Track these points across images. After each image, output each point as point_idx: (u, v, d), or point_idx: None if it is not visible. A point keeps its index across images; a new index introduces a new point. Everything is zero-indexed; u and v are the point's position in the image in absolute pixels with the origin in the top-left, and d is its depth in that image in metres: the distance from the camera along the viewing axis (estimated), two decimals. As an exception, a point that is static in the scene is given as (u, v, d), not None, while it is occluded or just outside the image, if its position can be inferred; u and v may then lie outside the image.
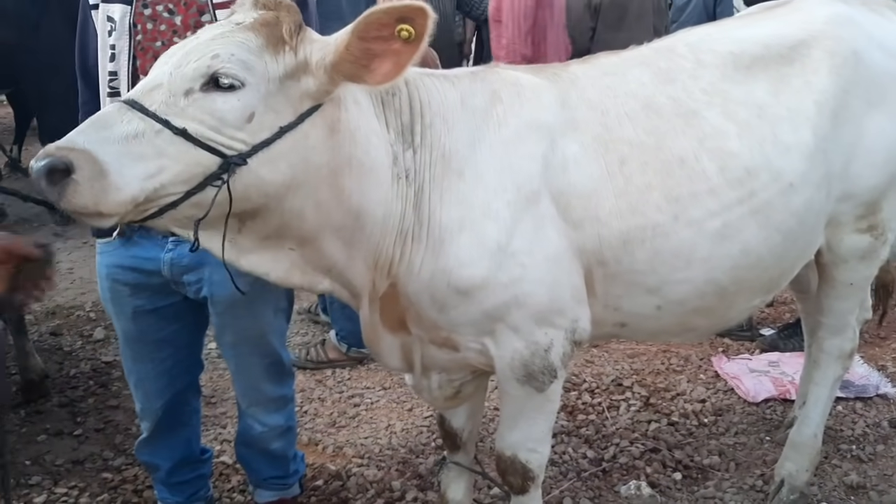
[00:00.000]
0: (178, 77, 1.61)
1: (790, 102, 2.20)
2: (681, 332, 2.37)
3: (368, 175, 1.83)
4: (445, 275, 1.92)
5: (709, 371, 3.95)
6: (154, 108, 1.58)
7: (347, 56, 1.66)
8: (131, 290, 2.29)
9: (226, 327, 2.38)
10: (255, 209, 1.73)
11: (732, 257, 2.13)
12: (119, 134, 1.55)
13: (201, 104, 1.60)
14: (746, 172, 2.11)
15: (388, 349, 2.15)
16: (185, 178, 1.60)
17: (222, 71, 1.60)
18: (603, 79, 2.14)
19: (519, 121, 1.99)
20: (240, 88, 1.62)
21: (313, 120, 1.70)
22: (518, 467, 2.25)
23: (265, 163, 1.66)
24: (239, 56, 1.62)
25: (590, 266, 2.06)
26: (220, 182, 1.62)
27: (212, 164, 1.61)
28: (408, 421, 3.52)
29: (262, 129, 1.65)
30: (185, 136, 1.58)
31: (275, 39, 1.66)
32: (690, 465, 3.14)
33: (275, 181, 1.69)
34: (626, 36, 4.74)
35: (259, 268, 1.85)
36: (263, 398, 2.55)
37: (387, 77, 1.68)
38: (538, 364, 2.07)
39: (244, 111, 1.62)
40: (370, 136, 1.84)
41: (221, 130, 1.61)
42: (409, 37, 1.62)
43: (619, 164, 2.03)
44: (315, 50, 1.68)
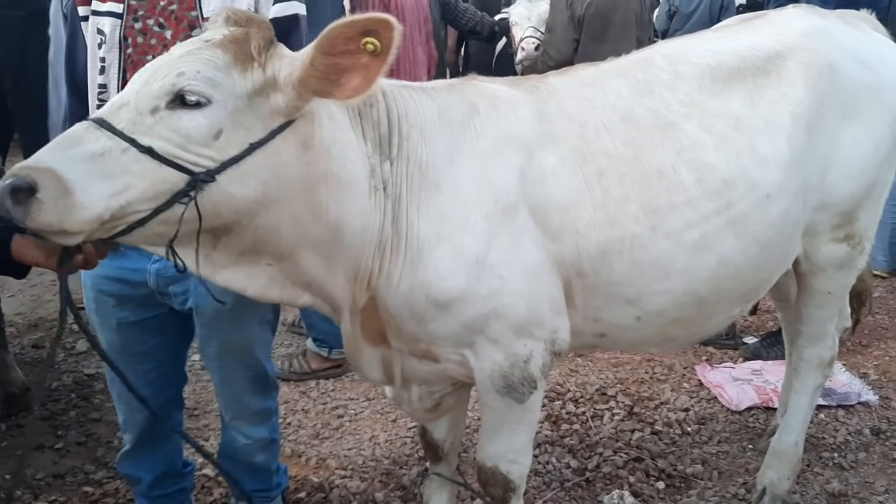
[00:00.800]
0: (145, 95, 1.60)
1: (766, 114, 2.21)
2: (660, 343, 2.37)
3: (346, 189, 1.83)
4: (424, 287, 1.92)
5: (692, 380, 3.96)
6: (121, 127, 1.57)
7: (313, 72, 1.64)
8: (116, 301, 2.28)
9: (211, 339, 2.36)
10: (228, 225, 1.72)
11: (710, 268, 2.14)
12: (85, 152, 1.54)
13: (167, 122, 1.59)
14: (724, 184, 2.13)
15: (368, 362, 2.15)
16: (152, 195, 1.59)
17: (188, 88, 1.59)
18: (581, 90, 2.15)
19: (496, 133, 2.00)
20: (206, 105, 1.61)
21: (285, 136, 1.69)
22: (499, 479, 2.24)
23: (234, 179, 1.64)
24: (205, 73, 1.61)
25: (569, 278, 2.06)
26: (187, 199, 1.60)
27: (179, 182, 1.60)
28: (391, 432, 3.52)
29: (230, 145, 1.63)
30: (151, 153, 1.57)
31: (243, 56, 1.65)
32: (673, 474, 3.15)
33: (245, 197, 1.68)
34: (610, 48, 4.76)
35: (235, 283, 1.83)
36: (247, 411, 2.54)
37: (356, 91, 1.67)
38: (518, 375, 2.07)
39: (211, 128, 1.61)
40: (346, 151, 1.83)
41: (188, 148, 1.60)
42: (376, 50, 1.61)
43: (597, 175, 2.04)
44: (283, 66, 1.67)
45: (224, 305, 2.14)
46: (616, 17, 4.98)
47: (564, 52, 5.02)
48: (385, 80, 1.96)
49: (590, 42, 4.85)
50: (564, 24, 5.01)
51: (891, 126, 2.37)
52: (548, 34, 5.17)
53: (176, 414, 2.61)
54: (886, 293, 5.17)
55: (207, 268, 1.77)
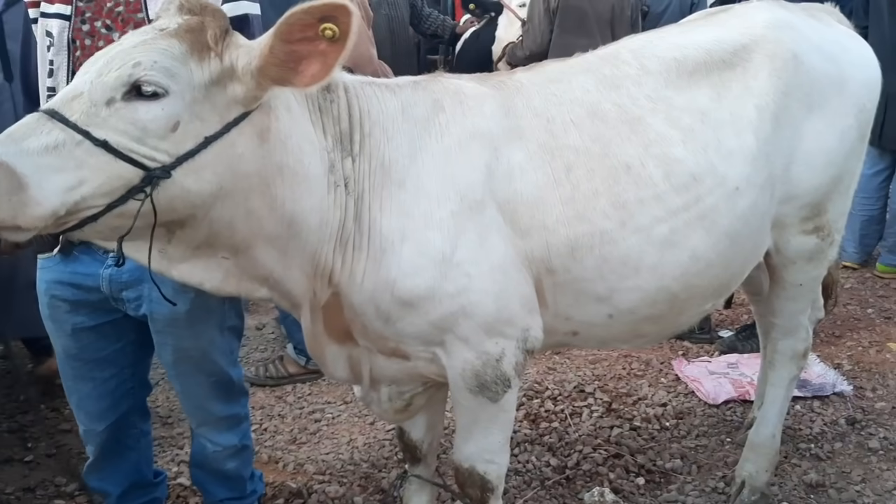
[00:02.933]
0: (100, 86, 1.55)
1: (732, 107, 2.22)
2: (631, 339, 2.37)
3: (301, 183, 1.80)
4: (389, 285, 1.90)
5: (669, 374, 3.97)
6: (75, 119, 1.53)
7: (272, 59, 1.62)
8: (70, 306, 2.23)
9: (166, 345, 2.30)
10: (182, 220, 1.69)
11: (682, 263, 2.14)
12: (38, 145, 1.49)
13: (123, 114, 1.55)
14: (692, 178, 2.13)
15: (333, 359, 2.12)
16: (107, 190, 1.55)
17: (144, 79, 1.55)
18: (548, 86, 2.14)
19: (461, 130, 1.98)
20: (163, 97, 1.57)
21: (241, 128, 1.67)
22: (476, 479, 2.23)
23: (189, 173, 1.61)
24: (162, 63, 1.57)
25: (539, 275, 2.05)
26: (142, 195, 1.57)
27: (134, 177, 1.56)
28: (369, 435, 3.49)
29: (186, 138, 1.60)
30: (105, 147, 1.53)
31: (199, 45, 1.62)
32: (653, 470, 3.15)
33: (201, 191, 1.65)
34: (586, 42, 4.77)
35: (191, 278, 1.81)
36: (212, 417, 2.49)
37: (315, 78, 1.64)
38: (490, 374, 2.05)
39: (168, 120, 1.58)
40: (302, 144, 1.80)
41: (144, 141, 1.56)
42: (334, 36, 1.59)
43: (565, 171, 2.03)
44: (241, 55, 1.64)
45: (178, 310, 2.11)
46: (590, 10, 4.98)
47: (540, 42, 5.03)
48: (348, 76, 1.95)
49: (562, 34, 4.85)
50: (541, 16, 5.02)
51: (857, 118, 2.38)
52: (527, 24, 5.18)
53: (141, 423, 2.55)
54: (858, 284, 5.23)
55: (163, 263, 1.75)
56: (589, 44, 2.37)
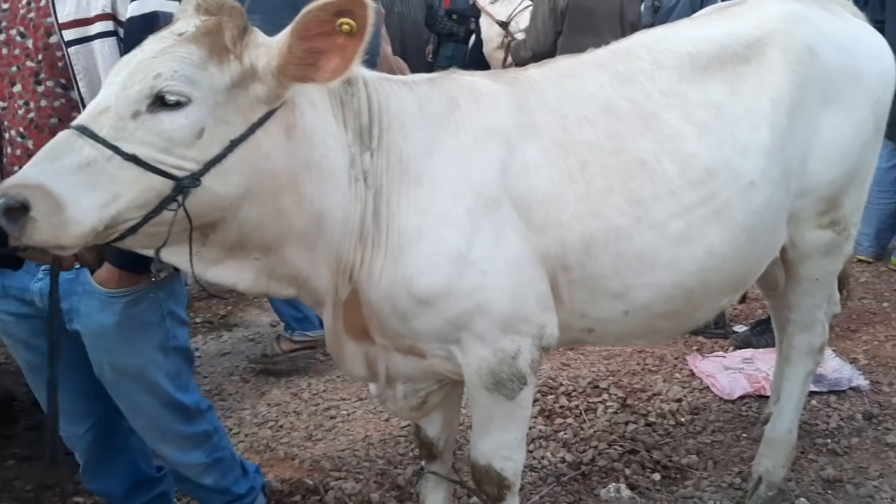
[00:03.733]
0: (124, 99, 1.58)
1: (747, 101, 2.21)
2: (647, 335, 2.37)
3: (327, 178, 1.82)
4: (405, 283, 1.91)
5: (684, 370, 3.97)
6: (103, 134, 1.55)
7: (291, 58, 1.63)
8: (16, 319, 2.17)
9: (101, 362, 2.17)
10: (214, 222, 1.72)
11: (697, 259, 2.13)
12: (71, 164, 1.52)
13: (149, 126, 1.58)
14: (707, 173, 2.12)
15: (351, 357, 2.13)
16: (140, 203, 1.58)
17: (166, 89, 1.57)
18: (561, 82, 2.14)
19: (476, 127, 1.98)
20: (186, 105, 1.59)
21: (266, 128, 1.68)
22: (493, 476, 2.23)
23: (218, 178, 1.63)
24: (182, 72, 1.59)
25: (554, 272, 2.05)
26: (175, 205, 1.60)
27: (165, 188, 1.59)
28: (385, 431, 3.50)
29: (212, 143, 1.62)
30: (135, 161, 1.56)
31: (218, 49, 1.63)
32: (669, 465, 3.14)
33: (229, 194, 1.67)
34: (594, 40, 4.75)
35: (226, 279, 1.84)
36: (171, 436, 2.34)
37: (336, 73, 1.66)
38: (506, 371, 2.05)
39: (193, 128, 1.60)
40: (327, 139, 1.82)
41: (171, 151, 1.59)
42: (351, 30, 1.60)
43: (579, 167, 2.03)
44: (261, 55, 1.65)
45: (106, 324, 2.05)
46: (600, 7, 4.96)
47: (543, 43, 5.02)
48: (367, 72, 1.96)
49: (572, 34, 4.84)
50: (545, 16, 5.01)
51: (872, 110, 2.37)
52: (530, 24, 5.17)
53: (127, 422, 2.41)
54: (873, 278, 5.20)
55: (199, 265, 1.78)
56: (596, 42, 2.35)
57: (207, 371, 4.25)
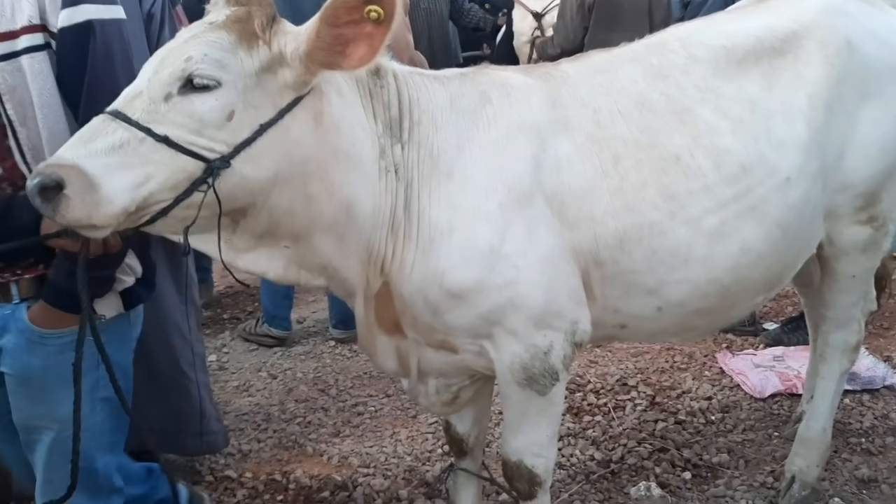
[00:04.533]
0: (156, 83, 1.61)
1: (783, 96, 2.18)
2: (681, 332, 2.35)
3: (355, 167, 1.83)
4: (437, 277, 1.91)
5: (713, 368, 3.92)
6: (136, 117, 1.58)
7: (319, 44, 1.66)
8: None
9: (20, 410, 1.95)
10: (244, 208, 1.74)
11: (732, 255, 2.11)
12: (105, 145, 1.56)
13: (180, 108, 1.61)
14: (742, 169, 2.09)
15: (382, 351, 2.14)
16: (172, 184, 1.61)
17: (196, 72, 1.60)
18: (594, 77, 2.12)
19: (508, 121, 1.98)
20: (216, 88, 1.62)
21: (294, 113, 1.70)
22: (524, 473, 2.22)
23: (248, 161, 1.66)
24: (212, 55, 1.62)
25: (587, 267, 2.04)
26: (205, 186, 1.63)
27: (196, 170, 1.62)
28: (412, 428, 3.50)
29: (242, 126, 1.65)
30: (167, 142, 1.59)
31: (248, 35, 1.66)
32: (699, 464, 3.11)
33: (259, 178, 1.69)
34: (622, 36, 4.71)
35: (256, 267, 1.86)
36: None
37: (362, 60, 1.67)
38: (538, 367, 2.05)
39: (223, 110, 1.63)
40: (355, 128, 1.83)
41: (202, 132, 1.62)
42: (379, 17, 1.62)
43: (613, 162, 2.01)
44: (289, 41, 1.68)
45: (32, 367, 1.89)
46: (627, 3, 4.93)
47: (571, 39, 5.00)
48: (397, 65, 1.97)
49: (599, 30, 4.81)
50: (573, 12, 4.99)
51: (913, 104, 2.32)
52: (558, 20, 5.15)
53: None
54: (908, 275, 5.10)
55: (230, 253, 1.80)
56: (624, 38, 2.33)
57: (235, 367, 4.28)
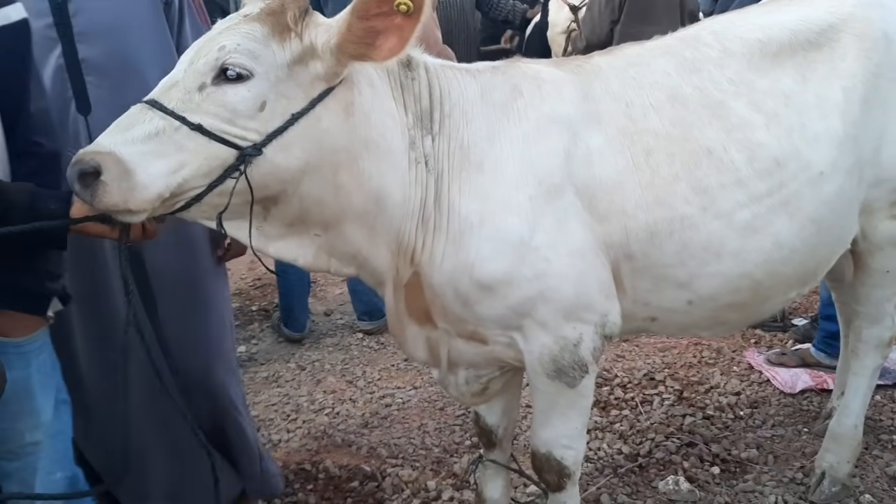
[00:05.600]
0: (192, 73, 1.66)
1: (818, 89, 2.16)
2: (712, 326, 2.33)
3: (385, 157, 1.86)
4: (467, 268, 1.93)
5: (742, 363, 3.90)
6: (172, 106, 1.63)
7: (350, 36, 1.69)
8: None
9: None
10: (275, 196, 1.78)
11: (765, 250, 2.10)
12: (141, 133, 1.61)
13: (214, 97, 1.65)
14: (775, 163, 2.08)
15: (413, 340, 2.16)
16: (206, 171, 1.66)
17: (229, 62, 1.65)
18: (627, 70, 2.12)
19: (539, 114, 1.98)
20: (249, 78, 1.66)
21: (325, 103, 1.74)
22: (553, 464, 2.23)
23: (279, 150, 1.70)
24: (245, 46, 1.66)
25: (617, 260, 2.04)
26: (238, 173, 1.67)
27: (229, 157, 1.66)
28: (440, 420, 3.53)
29: (274, 116, 1.69)
30: (201, 130, 1.63)
31: (280, 27, 1.70)
32: (728, 459, 3.10)
33: (290, 167, 1.73)
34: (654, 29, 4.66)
35: (286, 253, 1.90)
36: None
37: (392, 52, 1.70)
38: (567, 359, 2.05)
39: (255, 100, 1.67)
40: (385, 119, 1.86)
41: (235, 122, 1.66)
42: (409, 10, 1.65)
43: (644, 155, 2.01)
44: (320, 33, 1.72)
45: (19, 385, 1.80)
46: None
47: (598, 33, 4.96)
48: (429, 58, 1.99)
49: (631, 23, 4.77)
50: (601, 5, 4.95)
51: (950, 97, 2.29)
52: (586, 14, 5.12)
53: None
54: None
55: (261, 239, 1.85)
56: (656, 31, 2.32)
57: (264, 358, 4.34)
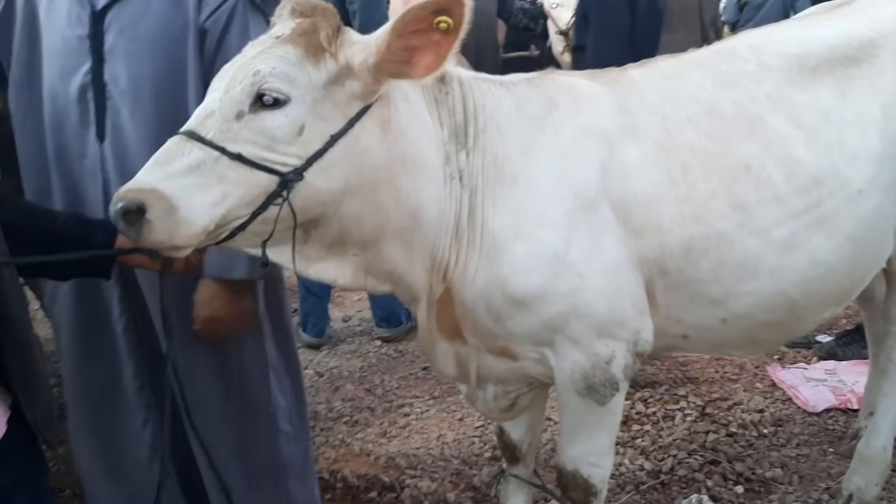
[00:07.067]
0: (228, 102, 1.62)
1: (856, 106, 2.12)
2: (745, 345, 2.30)
3: (422, 173, 1.83)
4: (500, 283, 1.90)
5: (765, 379, 3.85)
6: (210, 136, 1.60)
7: (389, 55, 1.65)
8: None
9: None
10: (316, 219, 1.75)
11: (801, 268, 2.06)
12: (181, 167, 1.57)
13: (252, 125, 1.62)
14: (813, 180, 2.05)
15: (443, 356, 2.13)
16: (248, 200, 1.62)
17: (265, 87, 1.61)
18: (663, 83, 2.09)
19: (575, 127, 1.96)
20: (286, 103, 1.63)
21: (363, 122, 1.71)
22: (580, 482, 2.20)
23: (320, 173, 1.67)
24: (280, 70, 1.62)
25: (651, 276, 2.01)
26: (280, 200, 1.64)
27: (270, 184, 1.63)
28: (459, 431, 3.50)
29: (313, 139, 1.66)
30: (241, 160, 1.60)
31: (314, 48, 1.66)
32: (752, 478, 3.05)
33: (331, 189, 1.70)
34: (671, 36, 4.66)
35: (326, 275, 1.87)
36: None
37: (429, 69, 1.67)
38: (599, 376, 2.02)
39: (294, 125, 1.63)
40: (421, 134, 1.83)
41: (275, 148, 1.62)
42: (448, 27, 1.62)
43: (681, 170, 1.98)
44: (356, 52, 1.68)
45: None
46: (676, 4, 4.86)
47: None
48: (463, 71, 1.96)
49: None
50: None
51: None
52: None
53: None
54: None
55: (301, 263, 1.81)
56: (674, 38, 2.30)
57: (282, 364, 4.31)
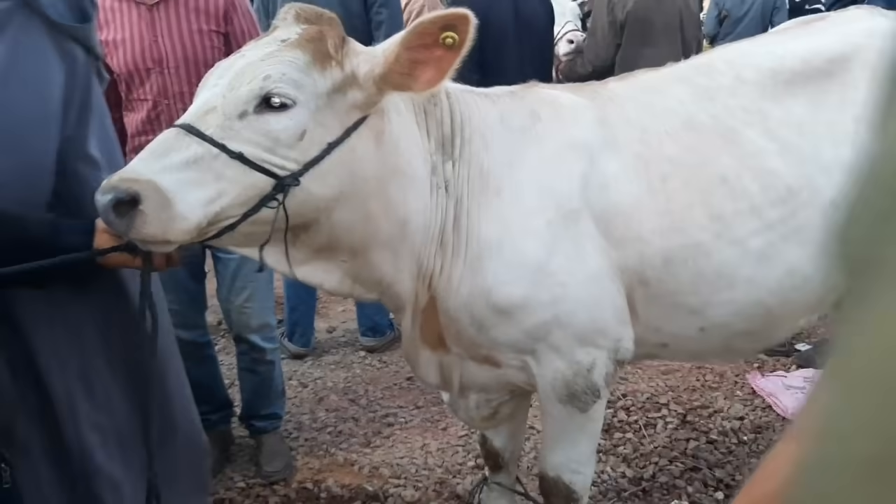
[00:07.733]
0: (232, 100, 1.62)
1: (829, 118, 2.17)
2: (723, 353, 2.33)
3: (411, 184, 1.85)
4: (484, 292, 1.93)
5: (745, 387, 3.90)
6: (210, 132, 1.59)
7: (397, 67, 1.68)
8: None
9: None
10: (307, 224, 1.76)
11: (777, 278, 2.10)
12: (179, 160, 1.56)
13: (255, 126, 1.62)
14: (788, 191, 2.09)
15: (425, 365, 2.15)
16: (243, 200, 1.63)
17: (275, 91, 1.62)
18: (642, 96, 2.14)
19: (557, 140, 1.99)
20: (291, 107, 1.64)
21: (359, 132, 1.73)
22: (562, 489, 2.22)
23: (315, 179, 1.68)
24: (290, 75, 1.63)
25: (631, 286, 2.04)
26: (275, 203, 1.64)
27: (266, 186, 1.63)
28: (443, 440, 3.51)
29: (312, 145, 1.67)
30: (241, 159, 1.60)
31: (321, 55, 1.68)
32: (732, 485, 3.09)
33: (324, 196, 1.71)
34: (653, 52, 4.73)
35: (312, 278, 1.88)
36: None
37: (430, 83, 1.70)
38: (581, 384, 2.05)
39: (297, 129, 1.65)
40: (411, 146, 1.86)
41: (275, 151, 1.63)
42: (454, 43, 1.65)
43: (660, 181, 2.02)
44: (362, 62, 1.70)
45: None
46: (657, 19, 4.93)
47: (604, 57, 4.99)
48: (450, 84, 1.98)
49: (631, 46, 4.81)
50: (605, 29, 4.98)
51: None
52: (588, 38, 5.15)
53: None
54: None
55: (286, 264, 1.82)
56: (655, 53, 2.34)
57: (265, 374, 4.31)
